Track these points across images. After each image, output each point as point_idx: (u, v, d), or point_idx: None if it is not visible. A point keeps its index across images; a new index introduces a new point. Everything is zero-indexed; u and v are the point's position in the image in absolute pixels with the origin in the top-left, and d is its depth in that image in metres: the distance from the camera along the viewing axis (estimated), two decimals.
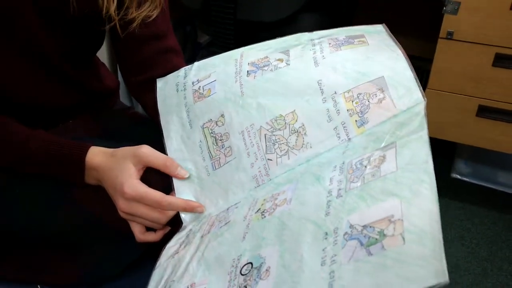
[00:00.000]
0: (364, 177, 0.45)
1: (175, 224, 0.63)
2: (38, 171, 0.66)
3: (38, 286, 0.70)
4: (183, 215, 0.61)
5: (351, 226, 0.41)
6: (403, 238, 0.37)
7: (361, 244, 0.39)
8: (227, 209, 0.57)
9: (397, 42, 0.61)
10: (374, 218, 0.40)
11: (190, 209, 0.61)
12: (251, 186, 0.58)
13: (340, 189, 0.45)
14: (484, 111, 1.47)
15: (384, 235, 0.38)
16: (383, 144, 0.49)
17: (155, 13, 0.71)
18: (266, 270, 0.43)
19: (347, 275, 0.38)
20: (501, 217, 1.61)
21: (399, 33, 2.08)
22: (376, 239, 0.38)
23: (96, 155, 0.64)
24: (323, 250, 0.41)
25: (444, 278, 0.33)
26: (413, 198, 0.40)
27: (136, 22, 0.69)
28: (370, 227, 0.40)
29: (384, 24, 0.64)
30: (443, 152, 1.85)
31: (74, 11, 0.66)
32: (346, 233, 0.41)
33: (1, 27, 0.64)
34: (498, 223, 1.59)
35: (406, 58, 0.58)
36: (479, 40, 1.37)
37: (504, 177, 1.78)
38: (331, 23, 1.57)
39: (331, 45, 0.61)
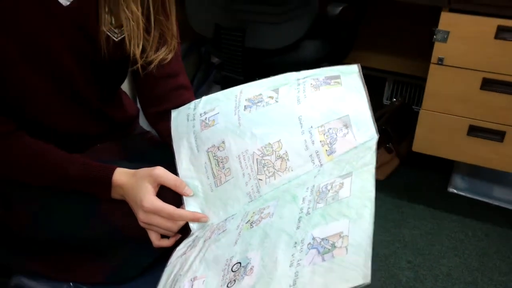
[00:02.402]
0: (326, 199, 0.58)
1: (184, 231, 0.76)
2: (73, 188, 0.80)
3: (71, 284, 0.83)
4: (191, 224, 0.75)
5: (313, 238, 0.54)
6: (347, 250, 0.51)
7: (319, 252, 0.52)
8: (225, 219, 0.70)
9: (364, 83, 0.74)
10: (330, 233, 0.54)
11: (196, 220, 0.75)
12: (245, 201, 0.71)
13: (309, 208, 0.59)
14: (474, 131, 1.58)
15: (335, 247, 0.52)
16: (343, 173, 0.62)
17: (169, 56, 0.85)
18: (250, 268, 0.56)
19: (306, 275, 0.51)
20: (494, 230, 1.71)
21: (398, 53, 2.22)
22: (329, 249, 0.52)
23: (121, 175, 0.78)
24: (292, 255, 0.54)
25: (367, 280, 0.47)
26: (357, 220, 0.54)
27: (154, 64, 0.84)
28: (326, 239, 0.53)
29: (359, 64, 0.77)
30: (441, 167, 1.96)
31: (105, 56, 0.81)
32: (309, 243, 0.54)
33: (42, 67, 0.79)
34: (490, 235, 1.69)
35: (367, 99, 0.71)
36: (468, 65, 1.49)
37: (499, 192, 1.88)
38: (331, 50, 1.70)
39: (312, 85, 0.74)
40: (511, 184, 1.88)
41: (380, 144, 1.97)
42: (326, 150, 0.67)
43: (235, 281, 0.56)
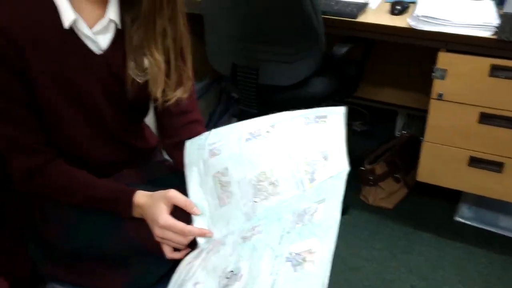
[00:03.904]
0: (303, 221, 0.71)
1: (193, 245, 0.89)
2: (100, 208, 0.95)
3: None
4: (198, 239, 0.88)
5: (290, 253, 0.67)
6: (313, 263, 0.63)
7: (293, 264, 0.65)
8: (226, 235, 0.83)
9: (345, 123, 0.86)
10: (303, 249, 0.66)
11: (203, 235, 0.88)
12: (243, 220, 0.83)
13: (290, 227, 0.71)
14: (475, 162, 1.67)
15: (305, 261, 0.65)
16: (319, 199, 0.74)
17: (185, 96, 1.00)
18: (241, 275, 0.70)
19: (281, 282, 0.64)
20: (498, 258, 1.77)
21: (407, 88, 2.33)
22: (301, 262, 0.65)
23: (140, 197, 0.92)
24: (272, 266, 0.67)
25: (325, 287, 0.60)
26: (324, 238, 0.66)
27: (171, 102, 0.98)
28: (299, 254, 0.66)
29: (346, 107, 0.89)
30: (449, 197, 2.04)
31: (131, 95, 0.96)
32: (287, 257, 0.67)
33: (78, 105, 0.94)
34: (494, 263, 1.75)
35: (344, 136, 0.84)
36: (465, 101, 1.60)
37: (505, 221, 1.94)
38: (340, 86, 1.83)
39: (303, 122, 0.88)
40: None
41: (388, 174, 2.06)
42: (309, 178, 0.80)
43: (228, 285, 0.69)
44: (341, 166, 0.79)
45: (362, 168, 2.06)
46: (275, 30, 1.64)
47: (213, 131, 0.97)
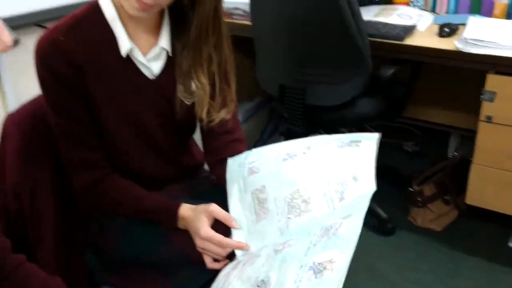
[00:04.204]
0: (328, 235, 0.76)
1: (232, 256, 0.95)
2: (149, 219, 1.03)
3: None
4: (236, 251, 0.94)
5: (313, 263, 0.72)
6: (332, 270, 0.69)
7: (314, 272, 0.71)
8: (261, 248, 0.88)
9: (376, 148, 0.90)
10: (325, 259, 0.72)
11: (240, 248, 0.94)
12: (277, 234, 0.89)
13: (316, 241, 0.76)
14: None
15: (326, 269, 0.70)
16: (345, 215, 0.78)
17: (228, 117, 1.08)
18: (270, 284, 0.76)
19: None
20: None
21: (459, 109, 2.30)
22: (321, 270, 0.70)
23: (185, 210, 1.00)
24: (297, 274, 0.73)
25: None
26: (344, 250, 0.71)
27: (215, 122, 1.06)
28: (322, 264, 0.71)
29: (380, 134, 0.93)
30: (503, 221, 1.98)
31: (179, 116, 1.05)
32: (310, 266, 0.72)
33: (132, 126, 1.04)
34: None
35: (374, 159, 0.87)
36: None
37: None
38: (386, 107, 1.85)
39: (337, 145, 0.92)
40: None
41: (438, 196, 2.04)
42: (338, 197, 0.85)
43: None
44: (369, 187, 0.83)
45: (411, 189, 2.05)
46: (321, 52, 1.69)
47: (253, 150, 1.03)
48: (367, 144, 0.90)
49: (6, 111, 1.31)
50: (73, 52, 0.96)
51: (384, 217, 2.00)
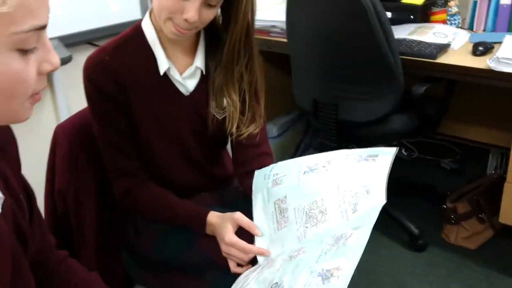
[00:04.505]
0: (339, 244, 0.81)
1: (254, 262, 1.02)
2: (180, 225, 1.11)
3: None
4: (258, 257, 1.00)
5: (322, 269, 0.78)
6: (338, 277, 0.74)
7: (322, 278, 0.76)
8: (280, 254, 0.95)
9: (391, 163, 0.94)
10: (333, 266, 0.77)
11: (261, 254, 1.00)
12: (295, 242, 0.94)
13: (327, 249, 0.82)
14: None
15: (332, 276, 0.75)
16: (355, 226, 0.84)
17: (256, 131, 1.15)
18: (282, 287, 0.81)
19: None
20: None
21: (496, 126, 2.29)
22: (329, 277, 0.76)
23: (212, 217, 1.08)
24: (307, 279, 0.78)
25: None
26: (350, 259, 0.76)
27: (244, 136, 1.14)
28: (329, 271, 0.77)
29: (397, 148, 0.97)
30: None
31: (211, 130, 1.13)
32: (319, 272, 0.78)
33: (168, 139, 1.13)
34: None
35: (387, 173, 0.92)
36: None
37: None
38: (420, 124, 1.87)
39: (355, 159, 0.97)
40: None
41: (472, 214, 2.03)
42: (352, 209, 0.90)
43: None
44: (380, 200, 0.88)
45: (444, 206, 2.04)
46: (353, 69, 1.74)
47: (278, 163, 1.10)
48: (383, 158, 0.95)
49: (58, 122, 1.43)
50: (117, 71, 1.06)
51: (416, 233, 2.00)
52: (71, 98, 1.67)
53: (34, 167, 1.20)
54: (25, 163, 0.82)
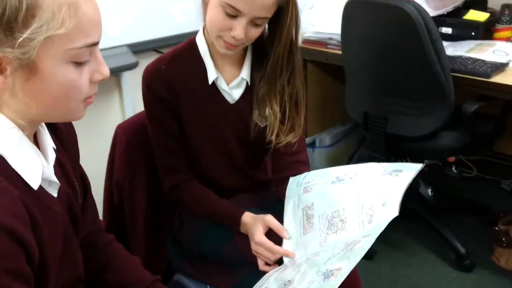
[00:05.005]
0: (347, 249, 0.87)
1: (280, 262, 1.10)
2: (218, 222, 1.22)
3: (208, 286, 1.23)
4: (284, 258, 1.08)
5: (326, 269, 0.84)
6: (336, 276, 0.81)
7: (324, 277, 0.83)
8: (302, 257, 1.02)
9: (412, 177, 0.98)
10: (335, 267, 0.83)
11: (286, 255, 1.08)
12: (317, 247, 1.01)
13: (337, 253, 0.88)
14: None
15: (333, 275, 0.82)
16: (365, 234, 0.89)
17: (295, 140, 1.23)
18: (292, 283, 0.90)
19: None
20: None
21: None
22: (329, 276, 0.82)
23: (246, 217, 1.17)
24: (313, 277, 0.86)
25: None
26: (352, 261, 0.83)
27: (282, 144, 1.22)
28: (332, 271, 0.83)
29: (423, 164, 1.01)
30: None
31: (253, 137, 1.23)
32: (323, 272, 0.84)
33: (214, 143, 1.24)
34: None
35: (405, 187, 0.96)
36: None
37: None
38: (471, 142, 1.85)
39: (380, 173, 1.02)
40: None
41: None
42: (368, 220, 0.95)
43: None
44: (392, 213, 0.93)
45: (496, 227, 2.00)
46: (403, 84, 1.77)
47: (311, 172, 1.17)
48: (406, 174, 0.99)
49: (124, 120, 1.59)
50: (171, 79, 1.19)
51: (463, 252, 1.98)
52: (136, 99, 1.84)
53: (101, 160, 1.36)
54: (92, 156, 0.96)
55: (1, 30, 0.61)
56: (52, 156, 0.78)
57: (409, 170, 1.01)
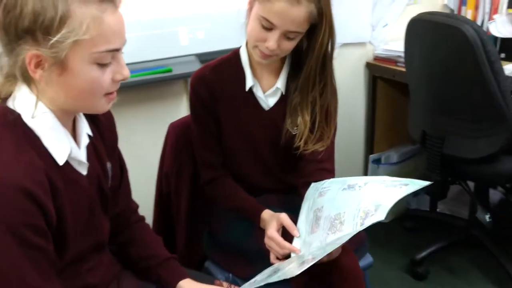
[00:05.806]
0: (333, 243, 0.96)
1: (287, 256, 1.18)
2: (243, 216, 1.33)
3: (230, 275, 1.35)
4: (292, 254, 1.17)
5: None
6: (308, 261, 0.89)
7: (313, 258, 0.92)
8: (304, 253, 1.10)
9: (412, 191, 1.01)
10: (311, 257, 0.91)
11: (293, 251, 1.16)
12: (318, 245, 1.08)
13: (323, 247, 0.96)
14: None
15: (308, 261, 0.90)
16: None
17: (322, 149, 1.30)
18: (279, 270, 0.99)
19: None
20: None
21: None
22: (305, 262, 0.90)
23: (265, 214, 1.28)
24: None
25: None
26: (325, 253, 0.92)
27: (308, 151, 1.30)
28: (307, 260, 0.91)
29: (431, 182, 1.04)
30: None
31: (284, 142, 1.33)
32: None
33: (248, 145, 1.36)
34: None
35: (401, 196, 0.99)
36: None
37: None
38: None
39: (387, 185, 1.06)
40: None
41: None
42: (360, 223, 1.01)
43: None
44: (380, 217, 0.98)
45: None
46: (460, 105, 1.74)
47: (331, 179, 1.24)
48: (410, 188, 1.03)
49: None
50: (213, 85, 1.34)
51: None
52: None
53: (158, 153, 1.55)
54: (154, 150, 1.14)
55: (40, 33, 0.79)
56: (85, 140, 0.96)
57: (414, 185, 1.04)
